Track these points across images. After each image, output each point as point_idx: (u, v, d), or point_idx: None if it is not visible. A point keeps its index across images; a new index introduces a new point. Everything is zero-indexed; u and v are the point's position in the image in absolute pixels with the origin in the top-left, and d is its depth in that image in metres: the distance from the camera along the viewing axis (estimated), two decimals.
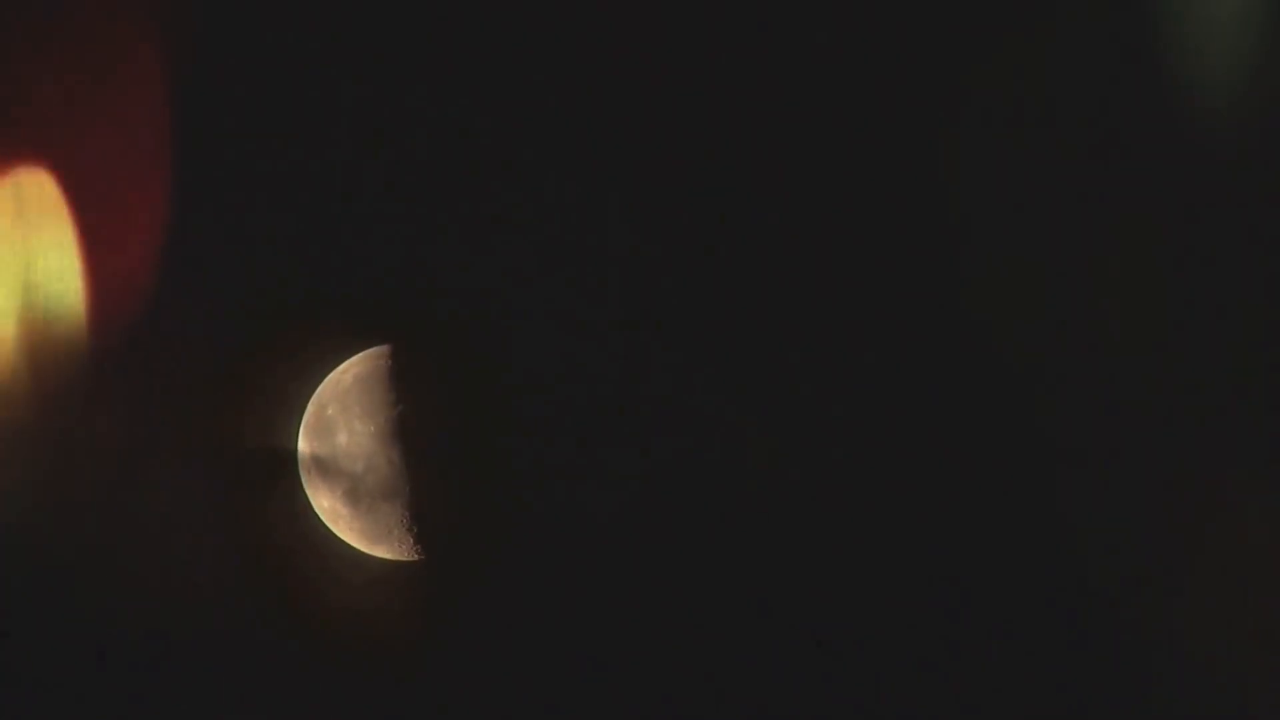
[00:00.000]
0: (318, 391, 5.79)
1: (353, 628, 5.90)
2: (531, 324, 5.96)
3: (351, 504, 5.63)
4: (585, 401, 5.97)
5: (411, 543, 5.66)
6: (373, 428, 5.60)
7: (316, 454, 5.71)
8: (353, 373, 5.75)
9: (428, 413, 5.65)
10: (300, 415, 5.80)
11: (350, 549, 5.77)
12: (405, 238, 5.98)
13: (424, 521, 5.61)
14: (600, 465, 5.96)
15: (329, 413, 5.70)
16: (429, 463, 5.59)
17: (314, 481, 5.73)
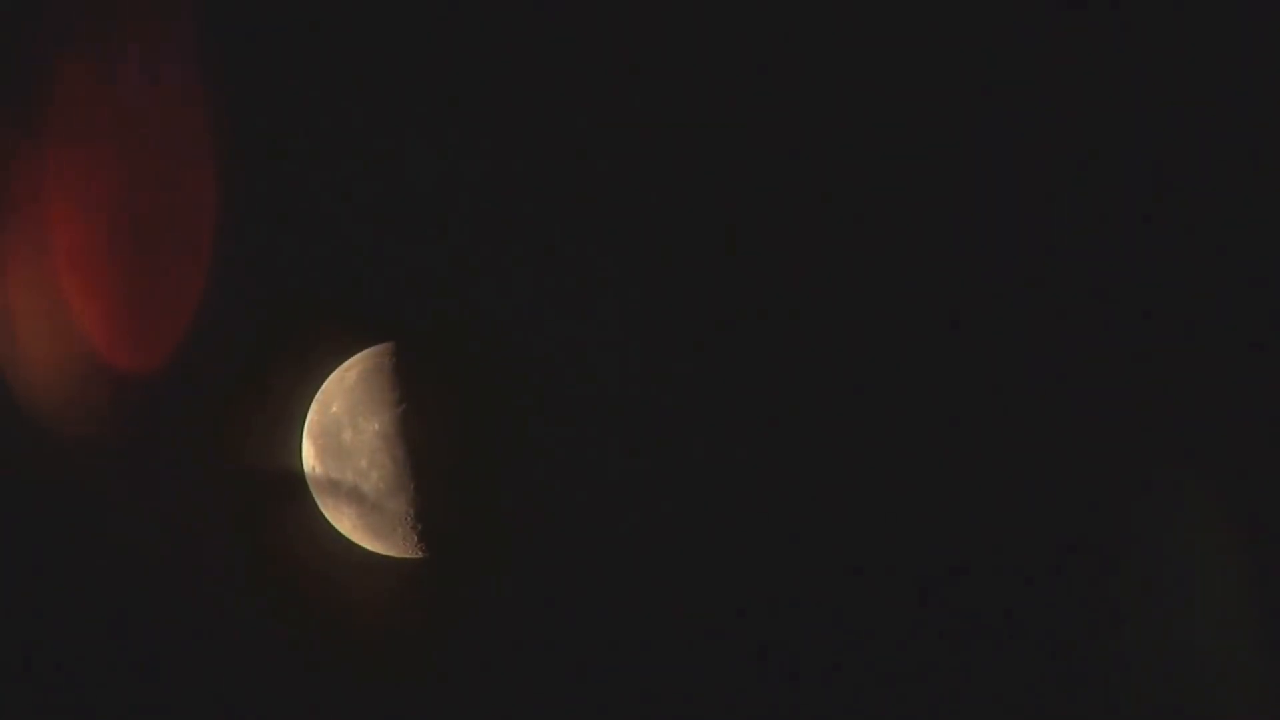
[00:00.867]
0: (321, 390, 5.80)
1: (357, 624, 5.89)
2: (534, 322, 5.98)
3: (356, 501, 5.63)
4: (588, 399, 5.98)
5: (416, 539, 5.65)
6: (376, 425, 5.59)
7: (321, 452, 5.71)
8: (356, 371, 5.75)
9: (431, 410, 5.65)
10: (304, 414, 5.80)
11: (355, 546, 5.76)
12: (408, 236, 5.99)
13: (428, 518, 5.61)
14: (603, 462, 5.97)
15: (333, 410, 5.70)
16: (433, 460, 5.59)
17: (318, 480, 5.72)
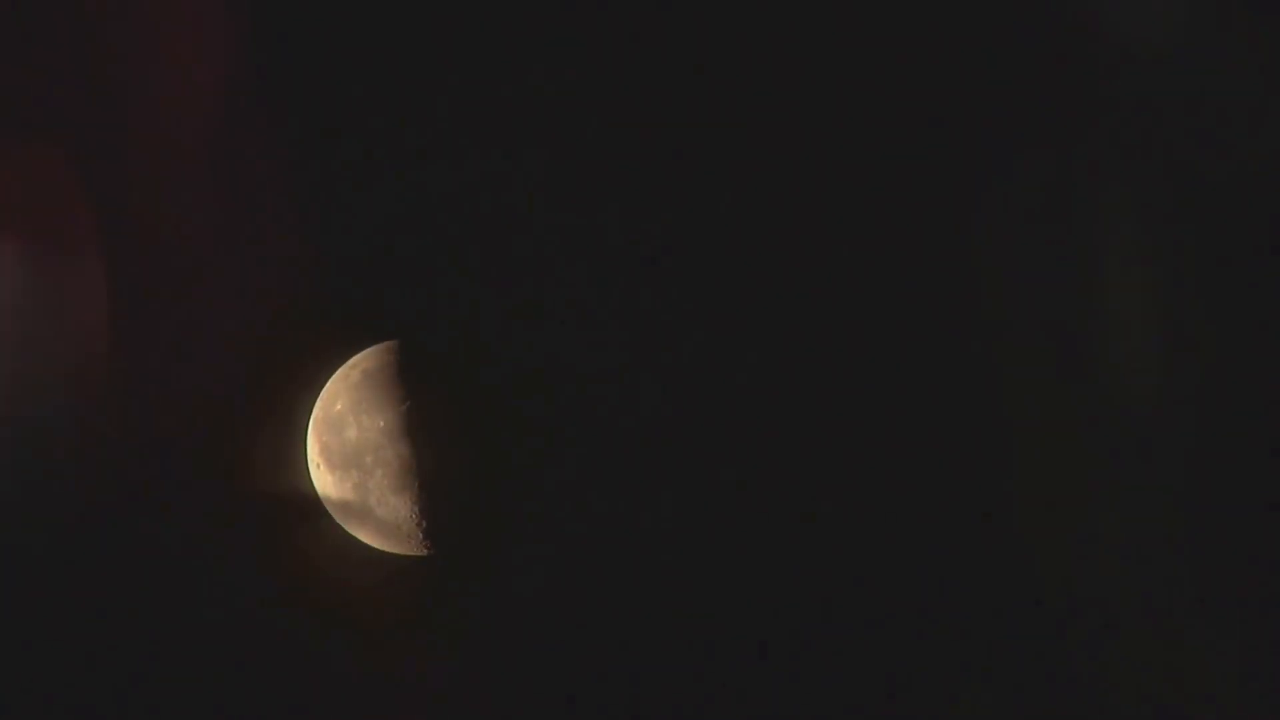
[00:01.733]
0: (326, 387, 5.78)
1: (361, 622, 5.88)
2: (538, 319, 5.98)
3: (361, 499, 5.62)
4: (591, 398, 5.98)
5: (420, 537, 5.64)
6: (381, 423, 5.59)
7: (325, 449, 5.69)
8: (361, 368, 5.75)
9: (436, 408, 5.65)
10: (309, 411, 5.79)
11: (359, 543, 5.75)
12: (411, 234, 5.99)
13: (433, 517, 5.60)
14: (605, 461, 5.97)
15: (338, 408, 5.69)
16: (438, 458, 5.58)
17: (323, 477, 5.71)
